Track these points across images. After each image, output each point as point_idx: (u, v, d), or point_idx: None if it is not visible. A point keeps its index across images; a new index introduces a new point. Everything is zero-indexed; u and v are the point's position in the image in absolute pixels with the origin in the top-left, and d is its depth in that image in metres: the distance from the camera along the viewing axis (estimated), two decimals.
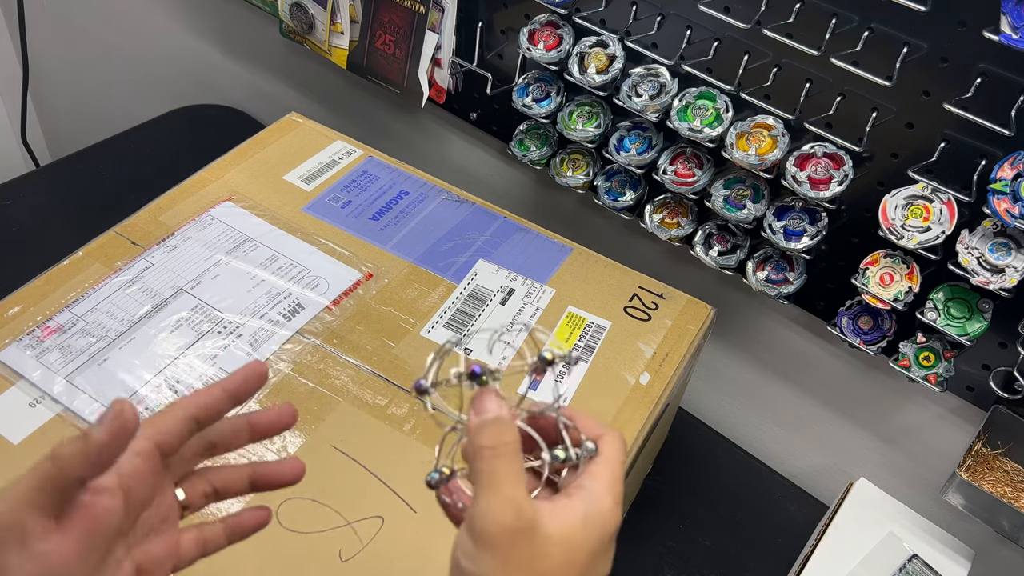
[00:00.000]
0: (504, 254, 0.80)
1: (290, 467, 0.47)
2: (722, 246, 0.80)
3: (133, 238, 0.76)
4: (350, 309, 0.73)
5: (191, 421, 0.42)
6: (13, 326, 0.68)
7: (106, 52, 1.44)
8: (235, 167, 0.85)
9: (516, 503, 0.37)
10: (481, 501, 0.37)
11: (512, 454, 0.38)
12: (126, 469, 0.39)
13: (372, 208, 0.83)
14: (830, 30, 0.65)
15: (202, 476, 0.45)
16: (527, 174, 0.99)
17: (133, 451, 0.40)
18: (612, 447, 0.41)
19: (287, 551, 0.57)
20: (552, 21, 0.80)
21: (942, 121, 0.64)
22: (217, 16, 1.21)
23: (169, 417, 0.42)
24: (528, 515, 0.37)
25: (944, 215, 0.65)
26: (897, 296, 0.70)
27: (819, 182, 0.69)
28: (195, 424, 0.43)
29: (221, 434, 0.45)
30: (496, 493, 0.37)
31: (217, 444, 0.45)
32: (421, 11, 0.89)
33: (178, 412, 0.42)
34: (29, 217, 1.03)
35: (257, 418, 0.46)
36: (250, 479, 0.46)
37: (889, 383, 0.82)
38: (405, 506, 0.61)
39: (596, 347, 0.73)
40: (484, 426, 0.39)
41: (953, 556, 0.77)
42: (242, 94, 1.28)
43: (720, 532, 0.84)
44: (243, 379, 0.44)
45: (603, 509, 0.39)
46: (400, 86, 0.96)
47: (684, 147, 0.78)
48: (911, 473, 0.85)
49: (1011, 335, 0.69)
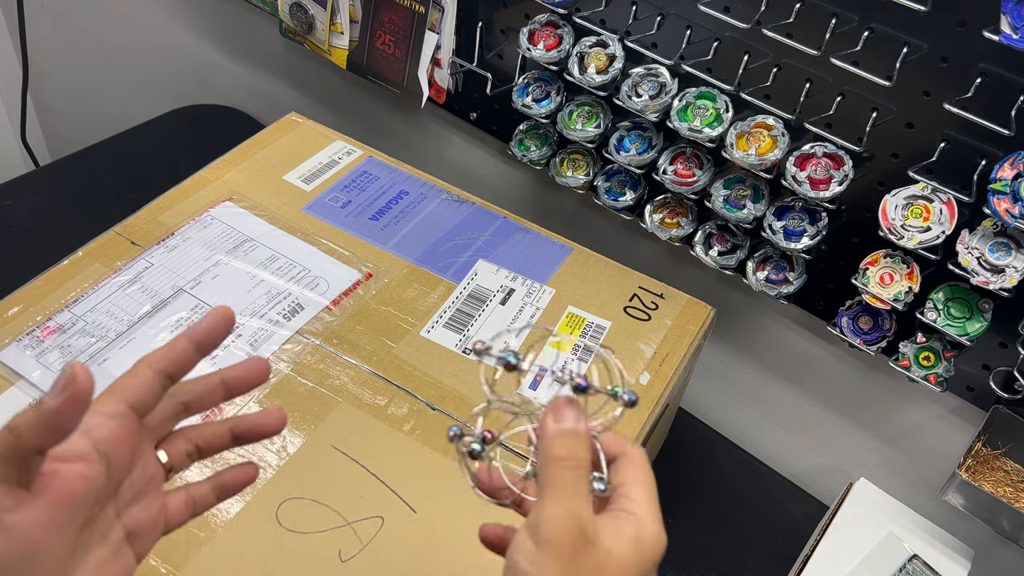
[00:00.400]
0: (504, 254, 0.80)
1: (273, 417, 0.46)
2: (722, 246, 0.80)
3: (133, 238, 0.76)
4: (350, 309, 0.73)
5: (161, 376, 0.41)
6: (13, 326, 0.68)
7: (106, 52, 1.44)
8: (235, 167, 0.85)
9: (582, 518, 0.37)
10: (548, 508, 0.37)
11: (584, 469, 0.38)
12: (103, 434, 0.38)
13: (372, 208, 0.83)
14: (830, 30, 0.65)
15: (182, 436, 0.44)
16: (527, 174, 0.99)
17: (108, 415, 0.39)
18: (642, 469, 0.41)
19: (287, 551, 0.57)
20: (552, 21, 0.80)
21: (942, 121, 0.64)
22: (217, 16, 1.21)
23: (138, 377, 0.41)
24: (592, 530, 0.37)
25: (944, 215, 0.65)
26: (897, 296, 0.70)
27: (819, 182, 0.69)
28: (166, 379, 0.41)
29: (193, 393, 0.44)
30: (565, 503, 0.37)
31: (191, 404, 0.44)
32: (421, 11, 0.89)
33: (145, 371, 0.41)
34: (29, 217, 1.03)
35: (229, 373, 0.45)
36: (232, 433, 0.45)
37: (889, 383, 0.82)
38: (405, 506, 0.61)
39: (596, 347, 0.73)
40: (562, 436, 0.39)
41: (953, 556, 0.77)
42: (242, 94, 1.28)
43: (720, 532, 0.84)
44: (209, 327, 0.42)
45: (653, 532, 0.39)
46: (400, 86, 0.96)
47: (684, 147, 0.78)
48: (911, 473, 0.85)
49: (1011, 335, 0.69)
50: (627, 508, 0.40)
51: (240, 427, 0.46)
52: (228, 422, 0.46)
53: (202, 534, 0.57)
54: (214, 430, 0.45)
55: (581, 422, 0.39)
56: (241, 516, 0.59)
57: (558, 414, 0.39)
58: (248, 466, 0.47)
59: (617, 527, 0.39)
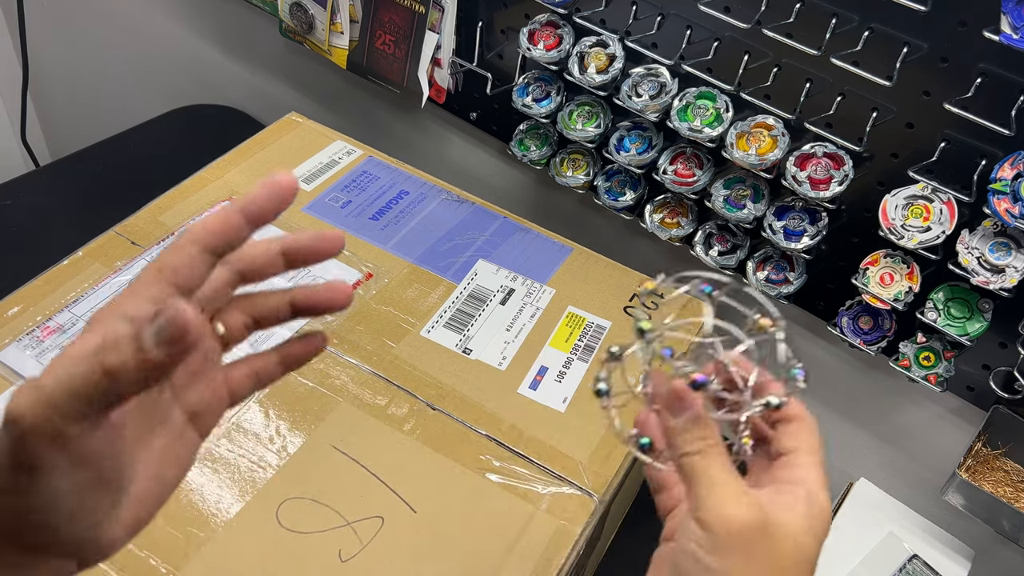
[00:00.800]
0: (504, 254, 0.80)
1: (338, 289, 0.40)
2: (722, 246, 0.80)
3: (133, 238, 0.76)
4: (350, 309, 0.73)
5: (207, 254, 0.36)
6: (13, 326, 0.68)
7: (106, 52, 1.44)
8: (235, 167, 0.85)
9: (748, 496, 0.36)
10: (710, 498, 0.36)
11: (720, 450, 0.37)
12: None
13: (372, 208, 0.83)
14: (830, 30, 0.65)
15: (238, 306, 0.40)
16: (527, 174, 0.99)
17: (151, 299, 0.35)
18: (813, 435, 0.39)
19: (287, 551, 0.57)
20: (552, 21, 0.80)
21: (942, 121, 0.64)
22: (217, 16, 1.21)
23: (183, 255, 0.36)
24: (763, 508, 0.36)
25: (944, 215, 0.65)
26: (897, 296, 0.70)
27: (819, 182, 0.69)
28: (213, 256, 0.37)
29: (251, 261, 0.40)
30: (724, 487, 0.36)
31: (247, 273, 0.40)
32: (421, 11, 0.89)
33: (191, 248, 0.36)
34: (29, 217, 1.03)
35: (290, 242, 0.39)
36: (292, 303, 0.41)
37: (889, 383, 0.81)
38: (405, 506, 0.61)
39: (596, 347, 0.73)
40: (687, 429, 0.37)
41: (953, 556, 0.77)
42: (242, 94, 1.28)
43: None
44: (264, 195, 0.37)
45: (823, 504, 0.38)
46: (400, 86, 0.96)
47: (684, 147, 0.78)
48: (911, 473, 0.85)
49: (1011, 335, 0.69)
50: (796, 479, 0.38)
51: (300, 297, 0.41)
52: (288, 293, 0.41)
53: (202, 534, 0.57)
54: (273, 300, 0.41)
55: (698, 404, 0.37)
56: (241, 516, 0.59)
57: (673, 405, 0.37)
58: (316, 336, 0.42)
59: (791, 503, 0.37)
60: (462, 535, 0.59)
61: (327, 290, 0.40)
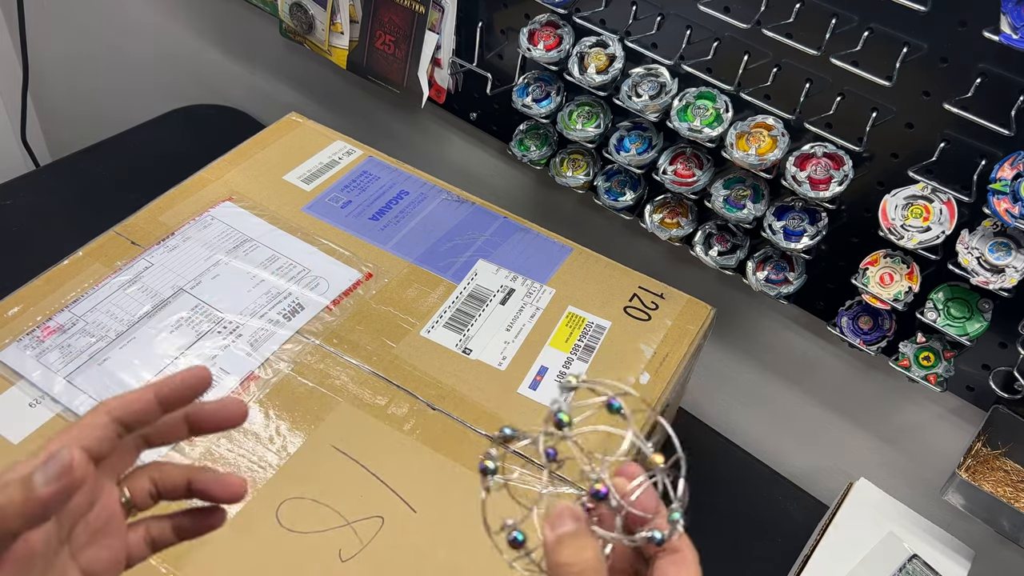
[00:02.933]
0: (504, 254, 0.80)
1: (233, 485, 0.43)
2: (722, 246, 0.80)
3: (133, 238, 0.76)
4: (350, 309, 0.73)
5: (118, 424, 0.39)
6: (13, 326, 0.68)
7: (106, 52, 1.44)
8: (235, 167, 0.85)
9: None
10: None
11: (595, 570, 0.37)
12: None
13: (372, 208, 0.83)
14: (830, 30, 0.65)
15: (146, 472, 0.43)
16: (527, 174, 0.99)
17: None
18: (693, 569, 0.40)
19: (287, 551, 0.57)
20: (552, 21, 0.80)
21: (942, 121, 0.64)
22: (217, 16, 1.21)
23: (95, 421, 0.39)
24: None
25: (944, 215, 0.65)
26: (897, 296, 0.70)
27: (819, 182, 0.69)
28: (123, 429, 0.39)
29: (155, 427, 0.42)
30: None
31: (150, 436, 0.42)
32: (421, 11, 0.89)
33: (103, 417, 0.39)
34: (29, 217, 1.03)
35: (196, 411, 0.42)
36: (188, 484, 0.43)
37: (889, 383, 0.82)
38: (405, 506, 0.61)
39: (596, 347, 0.73)
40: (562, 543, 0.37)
41: (953, 556, 0.77)
42: (242, 94, 1.28)
43: (720, 532, 0.84)
44: (180, 384, 0.40)
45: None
46: (400, 86, 0.96)
47: (684, 147, 0.78)
48: (911, 473, 0.85)
49: (1011, 335, 0.69)
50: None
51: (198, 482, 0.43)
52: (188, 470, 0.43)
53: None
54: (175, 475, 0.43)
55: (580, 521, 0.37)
56: (241, 516, 0.59)
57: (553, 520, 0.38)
58: (215, 512, 0.44)
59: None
60: (462, 535, 0.59)
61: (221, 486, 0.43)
